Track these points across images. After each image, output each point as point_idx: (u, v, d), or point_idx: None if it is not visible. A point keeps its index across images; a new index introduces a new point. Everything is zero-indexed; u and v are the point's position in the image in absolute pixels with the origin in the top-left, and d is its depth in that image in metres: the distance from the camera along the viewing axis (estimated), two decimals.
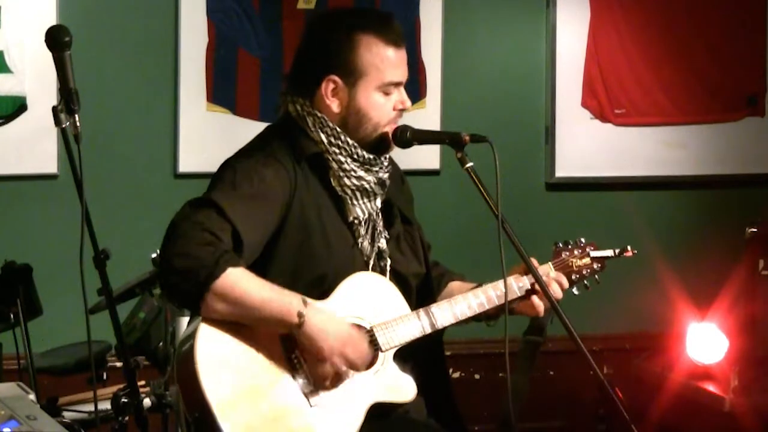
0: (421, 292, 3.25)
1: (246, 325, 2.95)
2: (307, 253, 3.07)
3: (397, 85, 3.15)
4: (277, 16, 5.30)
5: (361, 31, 3.11)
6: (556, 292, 3.20)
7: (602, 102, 5.66)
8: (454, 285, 3.38)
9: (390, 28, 3.13)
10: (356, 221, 3.15)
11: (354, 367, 2.99)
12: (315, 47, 3.16)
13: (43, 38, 2.88)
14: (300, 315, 2.92)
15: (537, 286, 3.18)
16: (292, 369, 2.98)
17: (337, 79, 3.11)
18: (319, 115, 3.12)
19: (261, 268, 3.03)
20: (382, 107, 3.13)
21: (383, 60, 3.11)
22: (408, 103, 3.17)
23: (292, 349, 2.99)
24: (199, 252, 2.87)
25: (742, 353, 5.06)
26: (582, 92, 5.64)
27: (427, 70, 5.46)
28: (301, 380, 2.98)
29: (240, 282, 2.90)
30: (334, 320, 2.99)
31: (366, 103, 3.12)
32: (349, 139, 3.11)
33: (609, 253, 3.37)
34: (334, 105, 3.12)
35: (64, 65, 2.86)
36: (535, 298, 3.22)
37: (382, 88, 3.12)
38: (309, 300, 2.96)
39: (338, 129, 3.11)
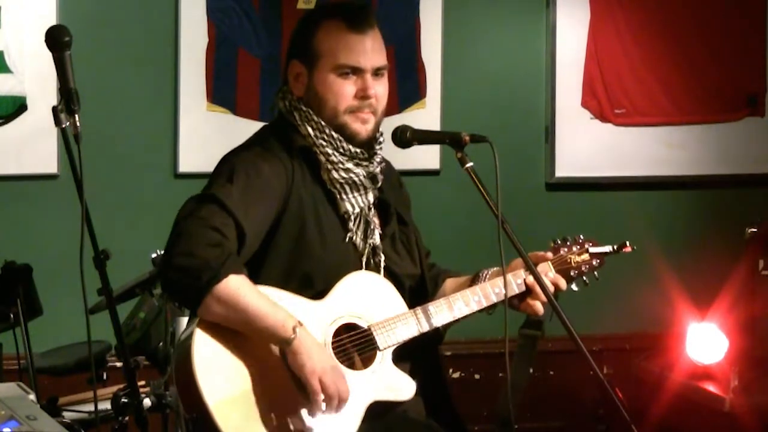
0: (414, 293, 3.25)
1: None
2: (302, 246, 3.08)
3: (356, 70, 3.13)
4: (277, 16, 5.30)
5: (324, 18, 3.16)
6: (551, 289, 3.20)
7: (602, 102, 5.66)
8: (449, 282, 3.38)
9: (353, 14, 3.15)
10: (346, 215, 3.15)
11: (329, 394, 2.94)
12: (290, 39, 3.23)
13: (43, 38, 2.88)
14: (294, 330, 2.92)
15: (535, 286, 3.18)
16: (289, 368, 2.97)
17: (298, 63, 3.16)
18: (304, 109, 3.15)
19: (258, 260, 3.04)
20: (338, 91, 3.12)
21: (339, 42, 3.12)
22: (370, 90, 3.13)
23: None
24: (204, 253, 2.88)
25: (742, 353, 5.05)
26: (582, 92, 5.64)
27: (427, 70, 5.46)
28: (298, 379, 2.97)
29: (241, 290, 2.91)
30: (321, 349, 2.99)
31: (322, 85, 3.13)
32: (333, 132, 3.12)
33: (608, 249, 3.36)
34: (297, 90, 3.16)
35: (64, 65, 2.86)
36: (531, 300, 3.23)
37: (336, 70, 3.12)
38: (304, 323, 2.95)
39: (323, 122, 3.12)
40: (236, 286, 2.90)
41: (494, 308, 3.23)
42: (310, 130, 3.14)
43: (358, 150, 3.14)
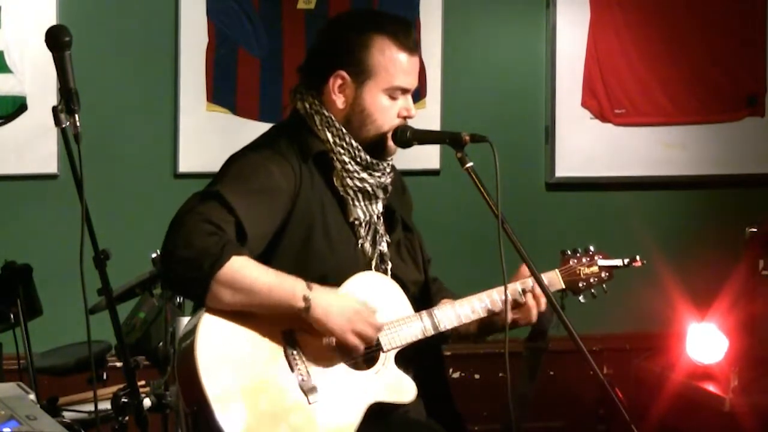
0: (419, 300, 3.24)
1: (247, 321, 2.96)
2: (309, 251, 3.08)
3: (404, 91, 3.15)
4: (277, 16, 5.30)
5: (377, 33, 3.13)
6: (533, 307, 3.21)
7: (602, 102, 5.66)
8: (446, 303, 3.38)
9: (406, 34, 3.15)
10: (357, 222, 3.15)
11: (367, 339, 2.99)
12: (329, 42, 3.19)
13: (43, 38, 2.88)
14: (306, 299, 2.93)
15: (535, 291, 3.18)
16: (292, 366, 2.98)
17: (345, 75, 3.13)
18: (326, 114, 3.14)
19: (264, 264, 3.03)
20: (386, 111, 3.14)
21: (394, 63, 3.12)
22: (413, 111, 3.18)
23: (293, 346, 2.99)
24: (202, 242, 2.89)
25: (742, 353, 5.05)
26: (582, 92, 5.64)
27: (427, 70, 5.46)
28: (300, 377, 2.98)
29: (244, 269, 2.91)
30: (338, 299, 3.00)
31: (371, 103, 3.12)
32: (353, 141, 3.12)
33: (618, 262, 3.36)
34: (339, 101, 3.13)
35: (64, 65, 2.86)
36: (529, 300, 3.22)
37: (389, 91, 3.13)
38: (313, 284, 2.96)
39: (343, 130, 3.12)
40: (239, 267, 2.90)
41: (494, 331, 3.25)
42: (329, 136, 3.13)
43: (375, 161, 3.15)
